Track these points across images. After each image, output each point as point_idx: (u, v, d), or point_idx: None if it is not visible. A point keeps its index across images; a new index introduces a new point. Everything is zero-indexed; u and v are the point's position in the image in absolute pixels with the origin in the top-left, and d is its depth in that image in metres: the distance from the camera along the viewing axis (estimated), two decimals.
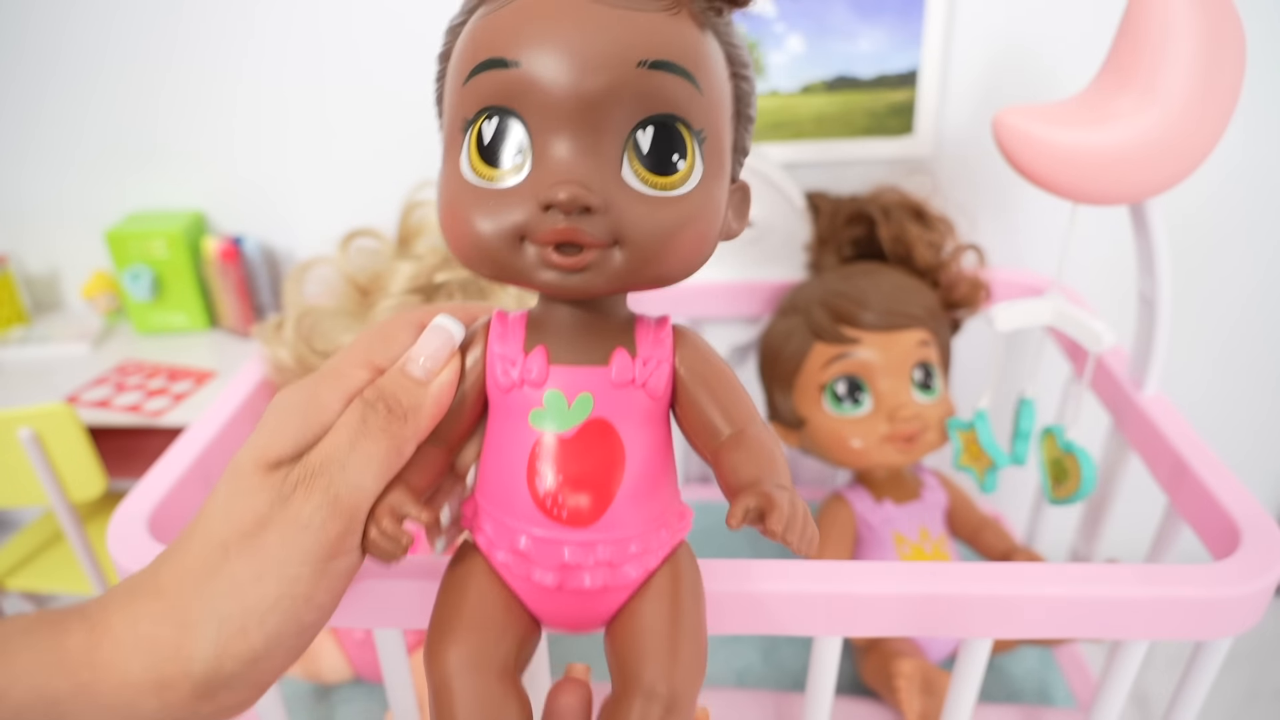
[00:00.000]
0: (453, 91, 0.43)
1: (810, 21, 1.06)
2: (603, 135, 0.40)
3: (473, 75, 0.41)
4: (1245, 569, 0.58)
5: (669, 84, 0.40)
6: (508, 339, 0.46)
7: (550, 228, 0.39)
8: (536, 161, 0.40)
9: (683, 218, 0.41)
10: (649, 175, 0.41)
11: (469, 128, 0.41)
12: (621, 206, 0.40)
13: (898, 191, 0.94)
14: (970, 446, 0.86)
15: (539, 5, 0.40)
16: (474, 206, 0.41)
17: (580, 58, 0.39)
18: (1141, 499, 1.00)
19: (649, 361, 0.46)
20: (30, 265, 1.35)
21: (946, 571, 0.57)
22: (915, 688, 0.74)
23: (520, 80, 0.39)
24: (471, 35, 0.42)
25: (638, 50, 0.39)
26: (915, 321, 0.85)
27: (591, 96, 0.39)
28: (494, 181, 0.41)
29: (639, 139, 0.41)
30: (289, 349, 0.85)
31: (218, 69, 1.17)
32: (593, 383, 0.45)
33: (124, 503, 0.66)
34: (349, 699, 0.90)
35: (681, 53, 0.41)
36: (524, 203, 0.40)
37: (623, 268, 0.41)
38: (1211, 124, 0.64)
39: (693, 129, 0.42)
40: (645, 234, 0.40)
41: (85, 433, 1.01)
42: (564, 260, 0.40)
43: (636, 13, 0.40)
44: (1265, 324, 1.23)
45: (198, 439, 0.76)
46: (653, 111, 0.40)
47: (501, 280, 0.43)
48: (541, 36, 0.39)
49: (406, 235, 0.90)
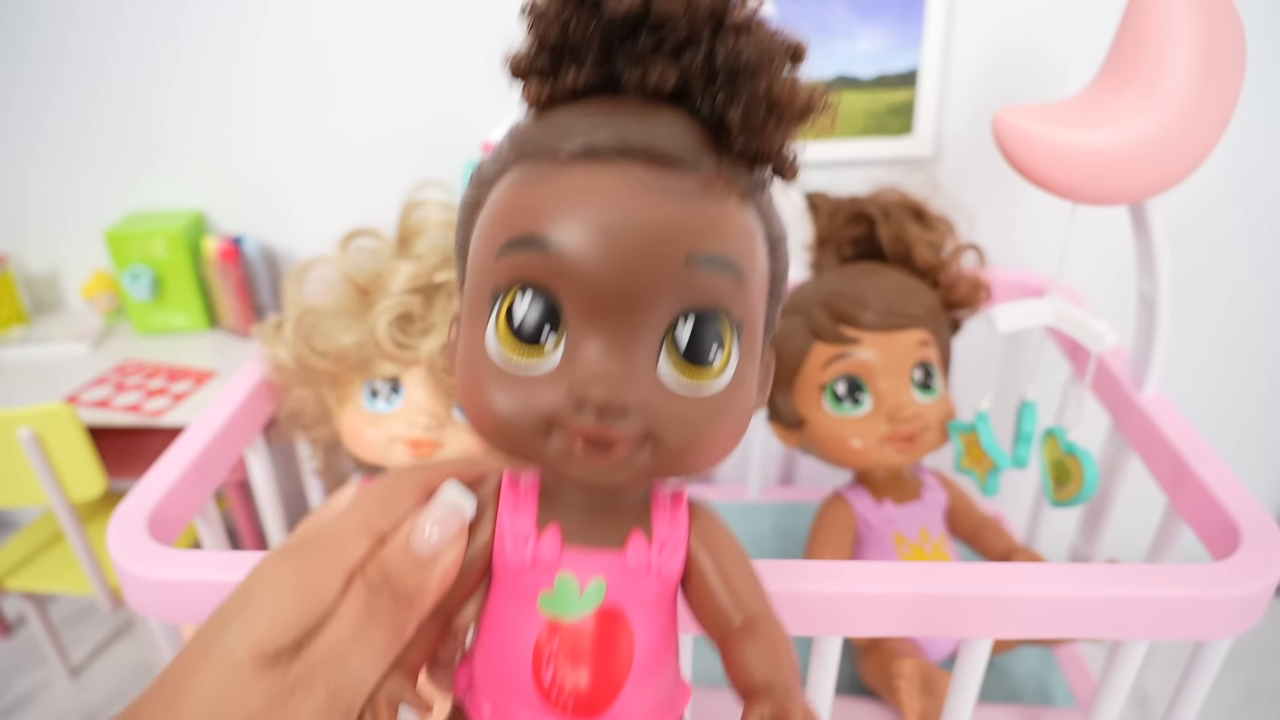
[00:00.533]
0: (482, 256, 0.41)
1: (810, 21, 1.06)
2: (642, 328, 0.38)
3: (507, 250, 0.39)
4: (1245, 569, 0.58)
5: (714, 279, 0.39)
6: (519, 511, 0.44)
7: (582, 425, 0.38)
8: (570, 349, 0.39)
9: (715, 415, 0.40)
10: (686, 368, 0.39)
11: (498, 300, 0.39)
12: (655, 405, 0.38)
13: (897, 191, 0.94)
14: (972, 449, 0.86)
15: (585, 185, 0.38)
16: (500, 386, 0.39)
17: (628, 252, 0.37)
18: (1141, 499, 1.00)
19: (665, 546, 0.44)
20: (30, 265, 1.35)
21: (946, 571, 0.57)
22: (915, 688, 0.74)
23: (561, 266, 0.37)
24: (510, 203, 0.40)
25: (687, 244, 0.38)
26: (915, 321, 0.85)
27: (635, 291, 0.38)
28: (523, 362, 0.39)
29: (678, 332, 0.39)
30: (289, 349, 0.85)
31: (218, 69, 1.17)
32: (607, 567, 0.43)
33: (124, 503, 0.66)
34: None
35: (731, 245, 0.39)
36: (554, 392, 0.38)
37: (651, 465, 0.40)
38: (1211, 124, 0.64)
39: (733, 321, 0.40)
40: (677, 434, 0.39)
41: (85, 433, 1.01)
42: (593, 457, 0.38)
43: (687, 201, 0.38)
44: (1265, 324, 1.23)
45: (197, 439, 0.76)
46: (696, 304, 0.39)
47: (522, 461, 0.41)
48: (588, 224, 0.37)
49: (406, 235, 0.90)
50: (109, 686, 1.32)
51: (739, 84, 0.39)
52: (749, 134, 0.40)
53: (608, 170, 0.38)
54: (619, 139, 0.39)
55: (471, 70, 1.12)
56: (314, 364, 0.85)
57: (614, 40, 0.40)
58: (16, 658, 1.38)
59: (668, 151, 0.39)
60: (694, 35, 0.39)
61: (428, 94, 1.14)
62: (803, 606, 0.57)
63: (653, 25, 0.39)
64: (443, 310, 0.82)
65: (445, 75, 1.12)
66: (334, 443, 0.93)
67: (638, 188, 0.38)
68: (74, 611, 1.47)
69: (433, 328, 0.82)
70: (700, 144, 0.40)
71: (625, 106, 0.40)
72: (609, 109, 0.40)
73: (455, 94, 1.13)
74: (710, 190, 0.39)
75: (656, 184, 0.38)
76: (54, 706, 1.29)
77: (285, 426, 0.91)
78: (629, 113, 0.40)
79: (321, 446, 0.94)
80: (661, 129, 0.39)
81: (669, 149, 0.39)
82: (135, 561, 0.60)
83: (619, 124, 0.39)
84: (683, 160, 0.39)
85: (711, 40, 0.40)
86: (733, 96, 0.40)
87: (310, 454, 0.98)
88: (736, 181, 0.41)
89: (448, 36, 1.10)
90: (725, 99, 0.40)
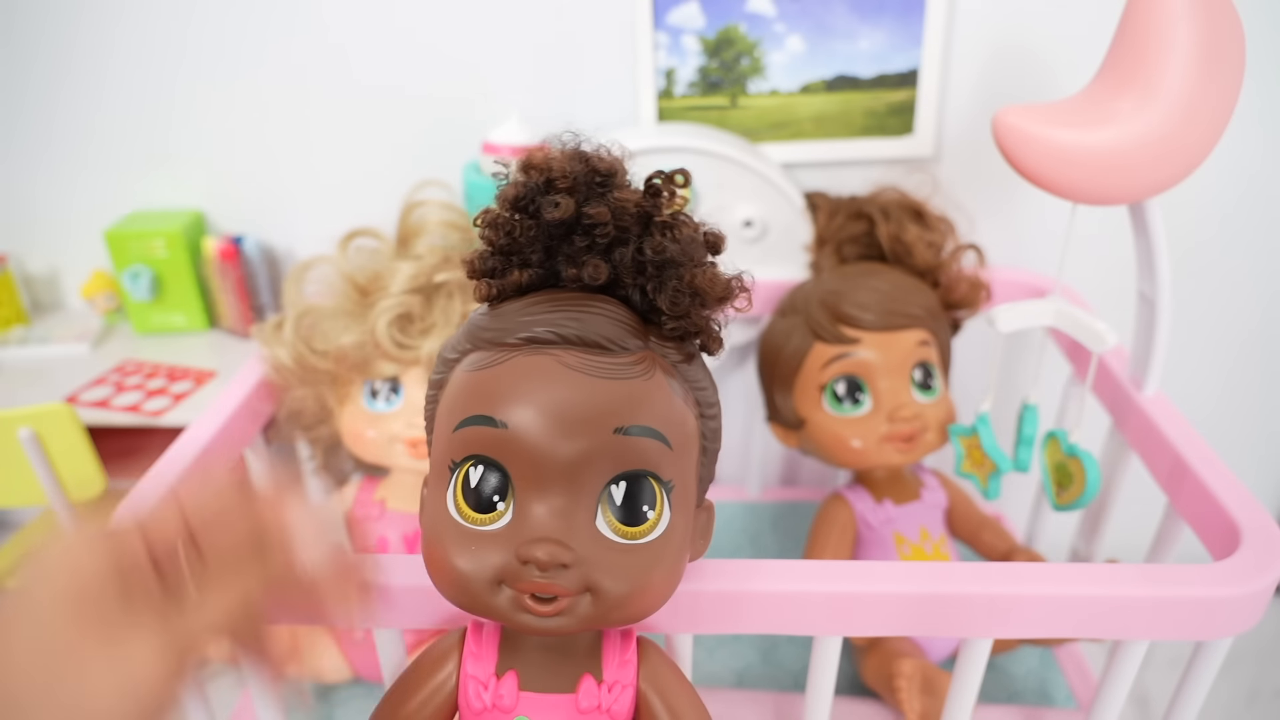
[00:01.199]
0: (442, 430, 0.47)
1: (810, 21, 1.06)
2: (579, 492, 0.44)
3: (462, 426, 0.45)
4: (1245, 569, 0.58)
5: (642, 446, 0.44)
6: (481, 658, 0.49)
7: (528, 580, 0.43)
8: (517, 511, 0.44)
9: (650, 566, 0.45)
10: (620, 527, 0.45)
11: (456, 470, 0.45)
12: (594, 559, 0.44)
13: (898, 191, 0.94)
14: (973, 452, 0.85)
15: (525, 370, 0.44)
16: (456, 544, 0.45)
17: (562, 425, 0.43)
18: (1141, 499, 1.00)
19: (614, 687, 0.49)
20: (30, 265, 1.35)
21: (946, 571, 0.57)
22: (915, 688, 0.74)
23: (507, 439, 0.43)
24: (463, 386, 0.46)
25: (614, 418, 0.43)
26: (915, 321, 0.85)
27: (571, 459, 0.43)
28: (476, 524, 0.45)
29: (613, 492, 0.45)
30: (289, 349, 0.85)
31: (218, 70, 1.17)
32: (560, 711, 0.48)
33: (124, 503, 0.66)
34: (348, 699, 0.90)
35: (655, 416, 0.45)
36: (503, 550, 0.44)
37: (593, 612, 0.45)
38: (1211, 123, 0.64)
39: (662, 481, 0.46)
40: (614, 584, 0.44)
41: (85, 433, 1.01)
42: (539, 608, 0.43)
43: (613, 380, 0.44)
44: (1265, 324, 1.23)
45: (197, 439, 0.76)
46: (626, 468, 0.44)
47: (476, 614, 0.46)
48: (529, 403, 0.43)
49: (406, 235, 0.90)
50: None
51: (665, 276, 0.46)
52: (675, 318, 0.47)
53: (546, 356, 0.44)
54: (555, 330, 0.45)
55: (471, 70, 1.12)
56: (314, 364, 0.85)
57: (554, 242, 0.47)
58: None
59: (598, 339, 0.45)
60: (623, 235, 0.46)
61: (428, 94, 1.14)
62: (803, 606, 0.57)
63: (584, 228, 0.46)
64: (443, 310, 0.82)
65: (445, 76, 1.12)
66: (334, 443, 0.93)
67: (571, 371, 0.44)
68: None
69: (433, 328, 0.82)
70: (629, 329, 0.46)
71: (563, 299, 0.47)
72: (549, 302, 0.47)
73: (455, 94, 1.13)
74: (637, 368, 0.45)
75: (588, 366, 0.44)
76: None
77: (285, 426, 0.91)
78: (566, 305, 0.46)
79: (321, 446, 0.94)
80: (593, 319, 0.45)
81: (599, 336, 0.45)
82: None
83: (556, 317, 0.45)
84: (612, 344, 0.45)
85: (640, 238, 0.46)
86: (660, 287, 0.46)
87: (310, 454, 0.98)
88: (664, 357, 0.47)
89: (448, 37, 1.10)
90: (654, 289, 0.46)
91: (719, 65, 1.09)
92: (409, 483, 0.88)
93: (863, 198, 0.95)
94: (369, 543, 0.87)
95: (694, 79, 1.09)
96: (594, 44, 1.09)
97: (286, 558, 0.40)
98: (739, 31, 1.06)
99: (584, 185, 0.45)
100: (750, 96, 1.10)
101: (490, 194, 1.04)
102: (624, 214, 0.46)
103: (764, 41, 1.07)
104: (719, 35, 1.07)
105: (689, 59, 1.08)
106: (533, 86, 1.12)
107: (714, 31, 1.07)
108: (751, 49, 1.07)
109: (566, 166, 0.45)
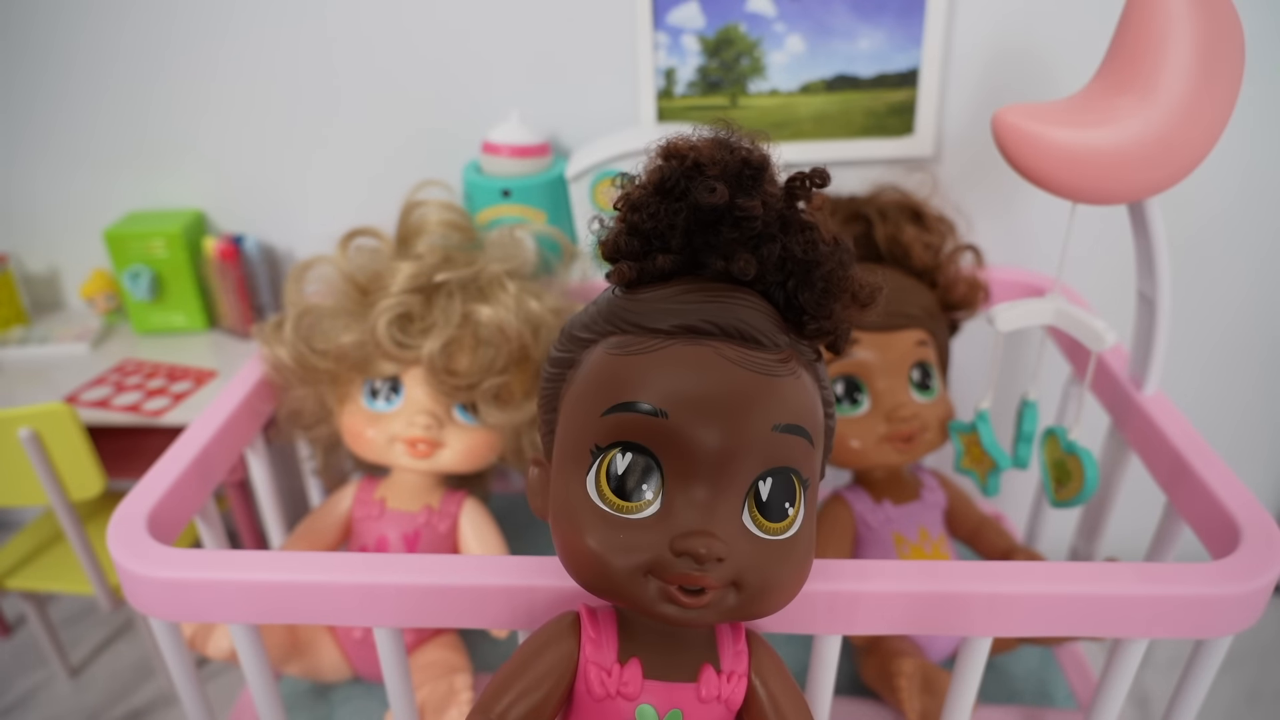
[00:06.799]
0: (581, 413, 0.46)
1: (810, 21, 1.06)
2: (730, 486, 0.44)
3: (613, 410, 0.44)
4: (1245, 568, 0.58)
5: (792, 443, 0.45)
6: (601, 645, 0.48)
7: (679, 572, 0.43)
8: (668, 502, 0.44)
9: (788, 560, 0.46)
10: (764, 522, 0.45)
11: (600, 454, 0.45)
12: (741, 553, 0.44)
13: (898, 191, 0.94)
14: (972, 449, 0.86)
15: (685, 359, 0.44)
16: (600, 531, 0.44)
17: (723, 418, 0.43)
18: (1141, 499, 1.00)
19: (731, 676, 0.49)
20: (30, 265, 1.35)
21: (946, 570, 0.58)
22: (915, 687, 0.74)
23: (664, 428, 0.43)
24: (613, 369, 0.45)
25: (772, 415, 0.44)
26: (913, 321, 0.85)
27: (728, 453, 0.43)
28: (623, 512, 0.44)
29: (760, 488, 0.45)
30: (289, 348, 0.85)
31: (218, 69, 1.17)
32: (682, 699, 0.48)
33: (124, 502, 0.66)
34: (348, 698, 0.90)
35: (803, 414, 0.45)
36: (654, 540, 0.43)
37: (736, 606, 0.45)
38: (1210, 122, 0.64)
39: (802, 478, 0.46)
40: (759, 578, 0.44)
41: (85, 432, 1.01)
42: (687, 600, 0.43)
43: (772, 378, 0.44)
44: (1265, 323, 1.23)
45: (197, 439, 0.76)
46: (776, 464, 0.45)
47: (613, 599, 0.46)
48: (688, 392, 0.43)
49: (406, 234, 0.90)
50: (109, 686, 1.32)
51: (813, 276, 0.46)
52: (818, 318, 0.47)
53: (704, 348, 0.44)
54: (713, 321, 0.45)
55: (471, 71, 1.12)
56: (314, 363, 0.85)
57: (697, 230, 0.46)
58: (16, 658, 1.38)
59: (754, 333, 0.45)
60: (769, 230, 0.46)
61: (428, 94, 1.14)
62: (803, 606, 0.57)
63: (734, 220, 0.45)
64: (443, 310, 0.82)
65: (445, 76, 1.12)
66: (334, 442, 0.93)
67: (732, 364, 0.44)
68: (74, 611, 1.47)
69: (433, 327, 0.82)
70: (776, 324, 0.46)
71: (714, 290, 0.46)
72: (701, 292, 0.46)
73: (455, 94, 1.14)
74: (786, 365, 0.45)
75: (746, 360, 0.44)
76: (54, 706, 1.29)
77: (285, 426, 0.91)
78: (719, 297, 0.46)
79: (321, 446, 0.94)
80: (747, 312, 0.45)
81: (754, 330, 0.45)
82: (135, 561, 0.60)
83: (712, 308, 0.45)
84: (764, 339, 0.45)
85: (783, 236, 0.46)
86: (805, 285, 0.46)
87: (310, 454, 0.98)
88: (801, 355, 0.47)
89: (448, 37, 1.10)
90: (796, 287, 0.46)
91: (719, 65, 1.09)
92: (409, 482, 0.88)
93: (861, 198, 0.95)
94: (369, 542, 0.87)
95: (694, 79, 1.10)
96: (594, 44, 1.09)
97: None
98: (739, 31, 1.07)
99: (735, 175, 0.45)
100: (750, 96, 1.10)
101: (490, 194, 1.04)
102: (771, 209, 0.45)
103: (764, 41, 1.07)
104: (719, 35, 1.07)
105: (689, 59, 1.08)
106: (533, 86, 1.12)
107: (714, 31, 1.07)
108: (751, 49, 1.08)
109: (715, 154, 0.45)
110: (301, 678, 0.88)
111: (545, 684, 0.48)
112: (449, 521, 0.88)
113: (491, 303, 0.82)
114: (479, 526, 0.89)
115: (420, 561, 0.59)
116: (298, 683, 0.91)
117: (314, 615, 0.60)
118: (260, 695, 0.68)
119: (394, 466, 0.88)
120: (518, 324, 0.82)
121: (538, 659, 0.49)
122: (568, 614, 0.50)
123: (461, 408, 0.86)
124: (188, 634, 0.76)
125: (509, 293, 0.84)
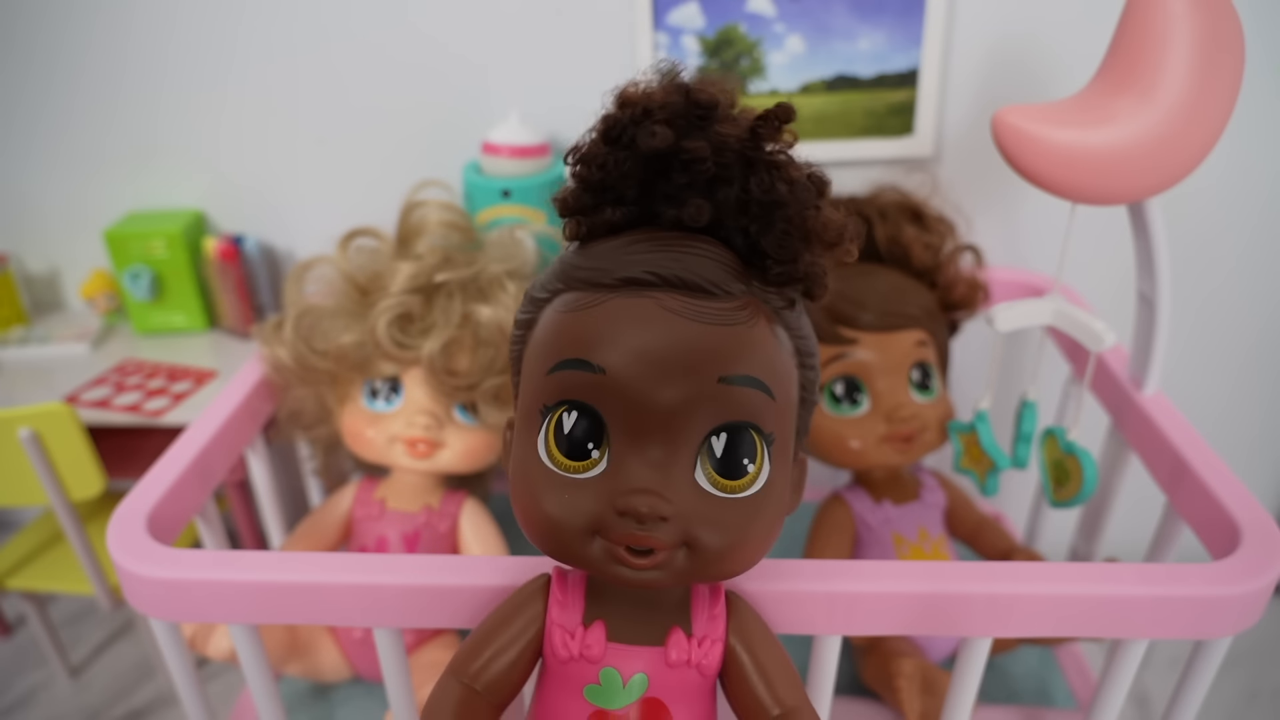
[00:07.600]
0: (533, 374, 0.45)
1: (810, 21, 1.06)
2: (679, 442, 0.42)
3: (556, 369, 0.43)
4: (1245, 569, 0.58)
5: (745, 396, 0.42)
6: (567, 606, 0.47)
7: (624, 532, 0.41)
8: (613, 460, 0.42)
9: (748, 520, 0.43)
10: (720, 480, 0.43)
11: (548, 414, 0.43)
12: (692, 511, 0.42)
13: (898, 191, 0.94)
14: (971, 449, 0.86)
15: (624, 312, 0.42)
16: (548, 491, 0.43)
17: (662, 371, 0.41)
18: (1141, 499, 1.00)
19: (704, 641, 0.47)
20: (30, 265, 1.35)
21: (946, 571, 0.57)
22: (915, 688, 0.74)
23: (605, 385, 0.41)
24: (558, 327, 0.44)
25: (718, 366, 0.41)
26: (912, 322, 0.85)
27: (671, 408, 0.41)
28: (570, 472, 0.43)
29: (713, 444, 0.43)
30: (289, 348, 0.85)
31: (218, 69, 1.17)
32: (649, 663, 0.46)
33: (124, 502, 0.66)
34: (348, 698, 0.90)
35: (758, 365, 0.43)
36: (598, 500, 0.42)
37: (688, 567, 0.43)
38: (1210, 123, 0.64)
39: (764, 433, 0.43)
40: (713, 538, 0.42)
41: (85, 432, 1.01)
42: (635, 560, 0.42)
43: (717, 326, 0.42)
44: (1265, 324, 1.23)
45: (197, 439, 0.76)
46: (728, 419, 0.42)
47: (565, 563, 0.45)
48: (625, 346, 0.41)
49: (406, 235, 0.90)
50: (109, 686, 1.32)
51: (773, 218, 0.43)
52: (782, 263, 0.44)
53: (646, 299, 0.42)
54: (655, 271, 0.42)
55: (471, 70, 1.12)
56: (314, 364, 0.85)
57: (650, 178, 0.44)
58: (16, 658, 1.38)
59: (700, 281, 0.42)
60: (725, 173, 0.43)
61: (427, 95, 1.14)
62: (803, 606, 0.57)
63: (683, 164, 0.43)
64: (443, 310, 0.82)
65: (445, 76, 1.12)
66: (334, 442, 0.93)
67: (673, 315, 0.41)
68: (74, 611, 1.47)
69: (433, 327, 0.82)
70: (731, 272, 0.43)
71: (663, 239, 0.44)
72: (648, 242, 0.44)
73: (455, 94, 1.13)
74: (741, 314, 0.42)
75: (690, 310, 0.41)
76: (54, 706, 1.29)
77: (285, 426, 0.91)
78: (665, 245, 0.43)
79: (321, 446, 0.94)
80: (695, 260, 0.43)
81: (701, 279, 0.42)
82: (135, 561, 0.60)
83: (656, 257, 0.43)
84: (714, 288, 0.42)
85: (744, 177, 0.43)
86: (766, 229, 0.43)
87: (310, 454, 0.98)
88: (767, 303, 0.44)
89: (448, 37, 1.10)
90: (759, 231, 0.43)
91: (719, 65, 1.09)
92: (409, 482, 0.89)
93: (861, 198, 0.95)
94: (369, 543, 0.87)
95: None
96: (594, 44, 1.09)
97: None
98: (739, 31, 1.07)
99: (683, 117, 0.42)
100: (750, 97, 1.10)
101: (490, 194, 1.04)
102: (725, 150, 0.42)
103: (764, 41, 1.07)
104: (719, 35, 1.07)
105: (689, 59, 1.08)
106: (533, 86, 1.12)
107: (714, 31, 1.07)
108: (751, 49, 1.08)
109: (665, 97, 0.42)
110: (301, 678, 0.88)
111: (516, 645, 0.47)
112: (449, 522, 0.88)
113: (491, 303, 0.82)
114: (479, 526, 0.89)
115: (420, 561, 0.59)
116: (298, 683, 0.92)
117: (314, 615, 0.60)
118: (260, 695, 0.68)
119: (394, 467, 0.88)
120: None
121: (510, 621, 0.48)
122: (541, 575, 0.50)
123: (461, 408, 0.86)
124: (188, 634, 0.76)
125: (509, 293, 0.84)
